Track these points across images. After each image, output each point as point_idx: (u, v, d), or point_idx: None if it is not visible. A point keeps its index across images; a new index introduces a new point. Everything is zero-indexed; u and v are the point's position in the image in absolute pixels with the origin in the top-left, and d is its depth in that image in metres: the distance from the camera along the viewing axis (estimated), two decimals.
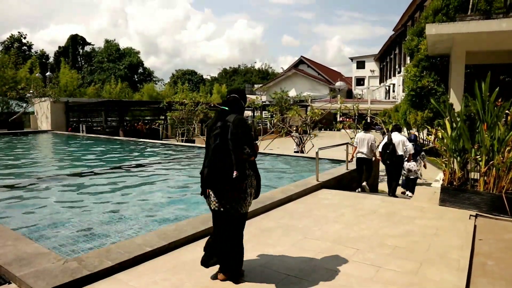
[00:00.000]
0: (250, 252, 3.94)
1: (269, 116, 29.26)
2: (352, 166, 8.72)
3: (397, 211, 5.70)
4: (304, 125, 15.54)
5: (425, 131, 19.05)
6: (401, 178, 9.04)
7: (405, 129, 23.80)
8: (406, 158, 8.60)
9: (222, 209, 3.19)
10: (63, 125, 23.00)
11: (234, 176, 3.04)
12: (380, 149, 8.64)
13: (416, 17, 30.07)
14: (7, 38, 57.93)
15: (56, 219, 5.34)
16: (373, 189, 9.50)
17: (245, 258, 3.46)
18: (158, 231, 4.39)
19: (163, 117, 29.48)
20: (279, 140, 19.71)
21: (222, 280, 3.33)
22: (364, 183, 8.96)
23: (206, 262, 3.36)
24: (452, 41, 8.59)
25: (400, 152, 8.31)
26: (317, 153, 7.39)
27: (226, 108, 3.28)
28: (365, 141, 8.57)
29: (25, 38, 59.31)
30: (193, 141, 20.48)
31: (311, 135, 15.05)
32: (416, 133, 11.19)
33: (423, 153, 9.73)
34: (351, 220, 5.21)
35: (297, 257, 3.87)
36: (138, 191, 7.22)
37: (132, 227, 5.00)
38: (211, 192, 3.21)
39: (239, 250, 3.33)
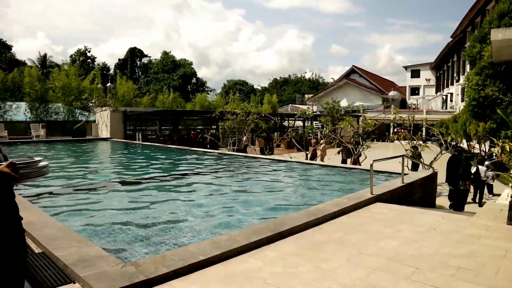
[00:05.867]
0: (303, 266, 3.86)
1: (320, 126, 28.89)
2: (407, 179, 8.34)
3: (460, 229, 5.34)
4: (356, 135, 15.17)
5: (487, 143, 17.82)
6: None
7: (464, 141, 22.42)
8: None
9: (462, 188, 10.03)
10: (121, 133, 24.21)
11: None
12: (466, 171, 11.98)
13: (477, 22, 28.44)
14: (74, 52, 62.54)
15: (115, 224, 5.57)
16: (430, 204, 9.08)
17: (297, 271, 3.57)
18: (211, 240, 4.43)
19: (214, 127, 30.12)
20: (330, 151, 19.38)
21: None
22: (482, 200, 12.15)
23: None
24: None
25: (483, 177, 12.02)
26: (371, 165, 7.14)
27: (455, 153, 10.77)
28: (482, 171, 12.21)
29: (89, 51, 63.68)
30: (245, 151, 20.63)
31: (364, 146, 14.64)
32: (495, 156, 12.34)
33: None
34: (409, 237, 4.95)
35: (352, 273, 3.72)
36: (193, 199, 7.38)
37: (185, 235, 5.10)
38: (461, 182, 10.06)
39: (465, 199, 10.29)
